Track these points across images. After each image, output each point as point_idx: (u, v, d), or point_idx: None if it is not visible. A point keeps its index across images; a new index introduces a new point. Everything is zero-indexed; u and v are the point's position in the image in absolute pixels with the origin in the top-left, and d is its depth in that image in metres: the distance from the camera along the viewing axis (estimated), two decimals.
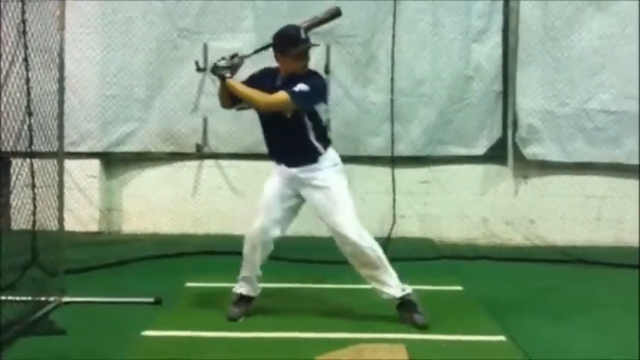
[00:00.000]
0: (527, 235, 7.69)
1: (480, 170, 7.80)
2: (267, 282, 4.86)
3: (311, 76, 4.52)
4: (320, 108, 4.50)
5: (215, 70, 4.47)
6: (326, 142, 4.60)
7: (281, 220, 4.60)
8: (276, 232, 4.60)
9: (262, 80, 4.55)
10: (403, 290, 4.58)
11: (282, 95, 4.33)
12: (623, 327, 4.70)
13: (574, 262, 6.78)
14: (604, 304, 5.29)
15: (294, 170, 4.54)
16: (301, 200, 4.65)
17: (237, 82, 4.46)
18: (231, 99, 4.58)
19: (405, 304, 4.59)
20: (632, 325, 4.71)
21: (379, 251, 4.55)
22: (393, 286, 4.57)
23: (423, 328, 4.47)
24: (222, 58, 4.48)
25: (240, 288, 4.70)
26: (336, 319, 4.68)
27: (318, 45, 4.54)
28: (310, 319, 4.67)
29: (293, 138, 4.49)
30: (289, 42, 4.42)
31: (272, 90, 4.42)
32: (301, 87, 4.34)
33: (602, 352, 4.20)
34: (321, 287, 5.48)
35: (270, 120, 4.54)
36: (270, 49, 4.54)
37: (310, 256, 6.42)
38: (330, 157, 4.59)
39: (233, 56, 4.49)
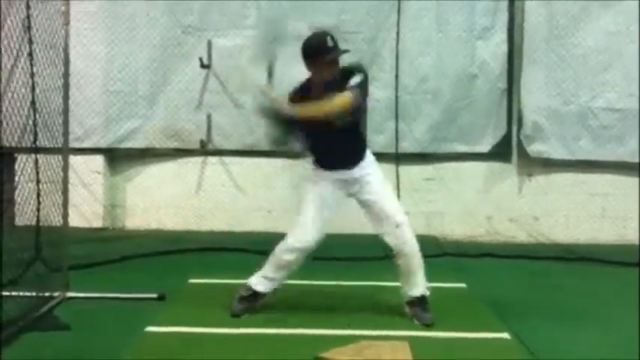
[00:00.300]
0: (531, 232, 7.68)
1: (484, 168, 7.80)
2: None
3: (350, 71, 4.35)
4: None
5: (275, 114, 4.18)
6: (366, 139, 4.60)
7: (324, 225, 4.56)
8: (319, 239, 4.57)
9: (301, 93, 4.40)
10: (426, 290, 4.61)
11: (344, 95, 4.16)
12: (626, 325, 4.69)
13: (578, 260, 6.77)
14: (607, 302, 5.28)
15: (353, 171, 4.48)
16: (341, 203, 4.59)
17: (298, 107, 4.21)
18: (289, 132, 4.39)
19: (418, 301, 4.59)
20: (635, 323, 4.70)
21: (418, 247, 4.58)
22: (420, 285, 4.59)
23: (427, 326, 4.47)
24: (260, 104, 4.25)
25: (259, 285, 4.63)
26: (339, 315, 4.68)
27: (349, 51, 4.40)
28: (313, 316, 4.67)
29: (349, 138, 4.42)
30: (319, 50, 4.27)
31: (313, 98, 4.27)
32: (356, 79, 4.25)
33: (606, 350, 4.19)
34: (324, 284, 5.47)
35: (317, 129, 4.32)
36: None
37: (314, 254, 6.40)
38: (369, 151, 4.62)
39: (267, 90, 4.34)
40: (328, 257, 6.06)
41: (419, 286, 4.59)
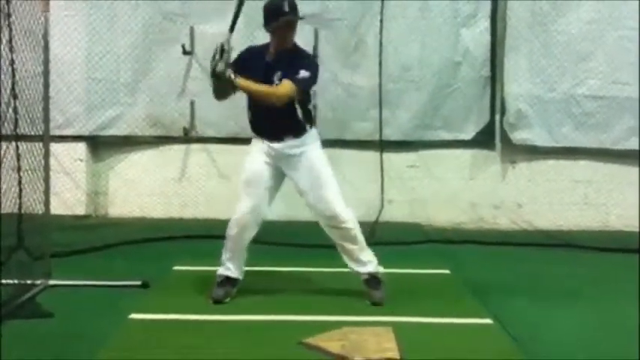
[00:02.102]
0: (514, 219, 7.72)
1: (468, 155, 7.82)
2: (253, 265, 4.86)
3: (305, 58, 4.57)
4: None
5: (220, 76, 4.31)
6: (311, 121, 4.64)
7: (267, 197, 4.60)
8: (265, 211, 4.61)
9: (250, 60, 4.54)
10: (376, 267, 4.66)
11: (289, 86, 4.33)
12: (608, 309, 4.74)
13: (561, 246, 6.82)
14: (589, 289, 5.32)
15: (278, 146, 4.52)
16: (283, 176, 4.66)
17: (243, 80, 4.34)
18: (229, 91, 4.52)
19: (371, 280, 4.66)
20: (616, 307, 4.78)
21: (358, 227, 4.63)
22: (367, 262, 4.66)
23: (377, 305, 4.55)
24: (214, 60, 4.33)
25: (227, 270, 4.68)
26: (323, 302, 4.69)
27: (302, 18, 4.49)
28: (296, 302, 4.67)
29: (281, 114, 4.46)
30: (274, 13, 4.42)
31: (264, 68, 4.43)
32: (304, 74, 4.37)
33: (588, 335, 4.23)
34: (307, 270, 5.48)
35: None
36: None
37: (297, 240, 6.43)
38: (314, 134, 4.63)
39: (221, 51, 4.32)
40: (312, 244, 6.09)
41: (366, 265, 4.65)
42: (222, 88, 4.47)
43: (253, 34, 7.31)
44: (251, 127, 4.69)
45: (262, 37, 4.76)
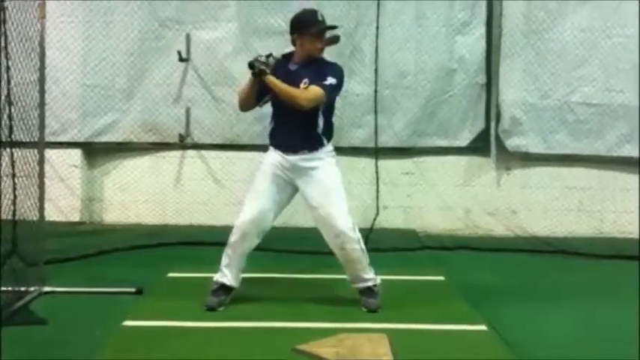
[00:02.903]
0: (509, 225, 7.73)
1: (463, 162, 7.83)
2: (248, 271, 4.85)
3: (332, 65, 4.59)
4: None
5: (254, 64, 4.34)
6: (330, 136, 4.64)
7: (274, 209, 4.59)
8: (268, 225, 4.60)
9: (276, 69, 4.47)
10: (374, 282, 4.67)
11: (317, 90, 4.36)
12: (603, 315, 4.76)
13: (555, 253, 6.83)
14: (584, 294, 5.33)
15: (292, 158, 4.53)
16: (294, 191, 4.65)
17: (273, 77, 4.36)
18: (256, 97, 4.55)
19: (366, 289, 4.67)
20: (611, 313, 4.78)
21: (363, 247, 4.61)
22: (368, 279, 4.66)
23: (372, 312, 4.55)
24: (258, 56, 4.40)
25: (223, 277, 4.67)
26: (317, 308, 4.69)
27: (336, 27, 4.59)
28: (291, 309, 4.67)
29: (303, 124, 4.49)
30: (308, 22, 4.47)
31: (289, 76, 4.44)
32: (331, 80, 4.42)
33: (583, 341, 4.24)
34: (301, 277, 5.49)
35: (285, 106, 4.46)
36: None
37: (291, 246, 6.43)
38: (329, 149, 4.63)
39: (268, 56, 4.42)
40: (307, 251, 6.10)
41: (366, 281, 4.66)
42: (249, 92, 4.49)
43: (249, 40, 7.40)
44: (270, 137, 4.69)
45: (258, 44, 4.81)
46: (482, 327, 4.36)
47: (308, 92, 4.37)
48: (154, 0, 7.53)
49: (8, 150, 4.74)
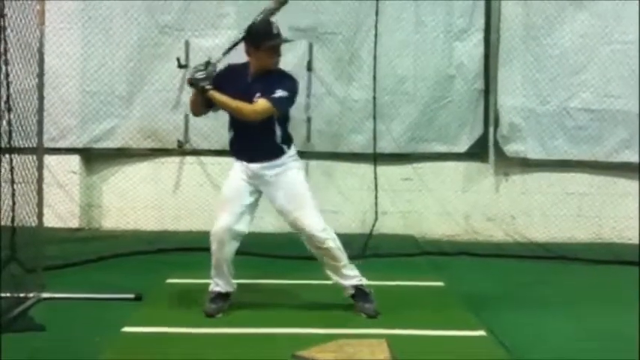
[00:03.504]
0: (508, 231, 7.73)
1: (462, 167, 7.84)
2: (247, 278, 4.86)
3: (285, 78, 4.56)
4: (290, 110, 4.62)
5: (195, 83, 4.37)
6: (290, 142, 4.66)
7: (244, 215, 4.60)
8: (242, 228, 4.60)
9: (231, 78, 4.53)
10: (360, 280, 4.68)
11: (265, 104, 4.36)
12: (602, 320, 4.76)
13: (554, 259, 6.84)
14: (583, 300, 5.33)
15: (255, 166, 4.55)
16: (259, 196, 4.68)
17: (217, 93, 4.39)
18: (204, 106, 4.57)
19: (358, 294, 4.66)
20: (611, 318, 4.79)
21: (339, 244, 4.63)
22: (352, 276, 4.68)
23: (372, 318, 4.56)
24: (196, 69, 4.39)
25: (216, 286, 4.69)
26: (317, 314, 4.69)
27: (292, 41, 4.52)
28: (290, 315, 4.67)
29: (260, 137, 4.52)
30: (263, 36, 4.42)
31: (244, 88, 4.43)
32: (281, 94, 4.40)
33: (583, 346, 4.23)
34: (301, 283, 5.47)
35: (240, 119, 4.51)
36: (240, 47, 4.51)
37: (290, 252, 6.41)
38: (291, 154, 4.65)
39: (207, 64, 4.39)
40: (306, 256, 6.08)
41: (351, 279, 4.67)
42: (197, 101, 4.53)
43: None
44: (230, 146, 4.74)
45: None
46: (482, 332, 4.36)
47: (255, 105, 4.38)
48: (153, 7, 7.54)
49: (7, 156, 4.74)
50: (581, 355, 4.08)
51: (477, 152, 7.81)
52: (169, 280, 5.52)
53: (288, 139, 4.64)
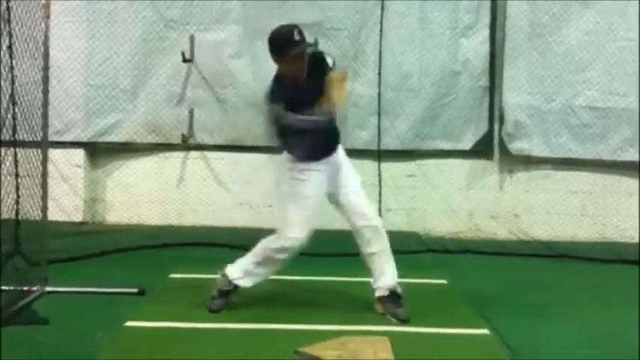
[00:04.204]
0: (511, 229, 7.72)
1: (466, 165, 7.83)
2: None
3: (316, 58, 4.40)
4: None
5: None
6: None
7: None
8: None
9: (287, 82, 4.33)
10: (396, 278, 4.59)
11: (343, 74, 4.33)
12: (605, 320, 4.75)
13: (558, 257, 6.82)
14: (586, 299, 5.32)
15: (336, 155, 4.51)
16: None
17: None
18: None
19: (391, 296, 4.57)
20: (614, 318, 4.78)
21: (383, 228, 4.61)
22: (391, 271, 4.58)
23: (404, 322, 4.47)
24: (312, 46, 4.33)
25: (242, 280, 4.58)
26: (319, 311, 4.68)
27: (314, 45, 4.44)
28: (293, 311, 4.66)
29: (334, 123, 4.46)
30: (285, 43, 4.22)
31: (302, 90, 4.28)
32: (331, 61, 4.37)
33: (586, 345, 4.23)
34: (304, 279, 5.46)
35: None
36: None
37: None
38: None
39: (315, 44, 4.33)
40: (309, 253, 6.08)
41: (387, 277, 4.57)
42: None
43: (253, 43, 7.39)
44: (309, 156, 4.40)
45: (261, 47, 4.79)
46: (485, 331, 4.35)
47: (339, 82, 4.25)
48: (158, 0, 7.53)
49: (12, 149, 4.75)
50: (584, 354, 4.08)
51: (482, 149, 7.80)
52: (173, 275, 5.52)
53: None
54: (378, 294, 4.60)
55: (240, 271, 4.60)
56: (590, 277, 6.13)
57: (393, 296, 4.57)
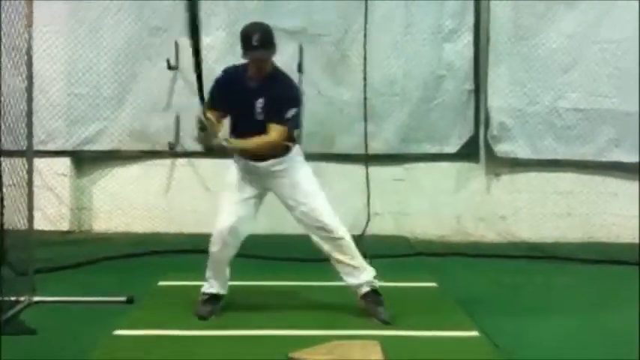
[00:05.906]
0: (499, 231, 7.73)
1: (453, 168, 7.84)
2: (238, 280, 4.83)
3: (288, 89, 4.50)
4: None
5: (212, 148, 4.38)
6: (293, 141, 4.60)
7: (248, 216, 4.58)
8: (246, 228, 4.58)
9: (230, 84, 4.48)
10: (374, 277, 4.60)
11: (281, 131, 4.34)
12: (593, 320, 4.78)
13: (545, 258, 6.85)
14: (575, 299, 5.35)
15: (262, 164, 4.49)
16: (263, 196, 4.65)
17: (234, 142, 4.38)
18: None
19: (371, 294, 4.60)
20: (601, 317, 4.80)
21: (349, 236, 4.60)
22: (363, 269, 4.59)
23: (385, 324, 4.48)
24: (200, 136, 4.31)
25: (211, 288, 4.66)
26: (309, 316, 4.68)
27: (268, 57, 4.39)
28: (283, 316, 4.66)
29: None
30: (245, 44, 4.34)
31: (245, 91, 4.38)
32: (292, 112, 4.38)
33: (574, 346, 4.25)
34: (293, 284, 5.46)
35: (243, 120, 4.47)
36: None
37: (283, 253, 6.41)
38: (297, 150, 4.61)
39: (202, 127, 4.27)
40: (297, 258, 6.09)
41: (361, 274, 4.58)
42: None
43: (238, 48, 7.35)
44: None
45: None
46: (475, 333, 4.37)
47: (272, 137, 4.33)
48: (142, 8, 7.49)
49: None
50: (574, 354, 4.10)
51: (468, 152, 7.82)
52: (161, 283, 5.50)
53: (292, 139, 4.57)
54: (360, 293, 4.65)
55: (206, 280, 4.69)
56: (578, 278, 6.15)
57: (373, 294, 4.61)
